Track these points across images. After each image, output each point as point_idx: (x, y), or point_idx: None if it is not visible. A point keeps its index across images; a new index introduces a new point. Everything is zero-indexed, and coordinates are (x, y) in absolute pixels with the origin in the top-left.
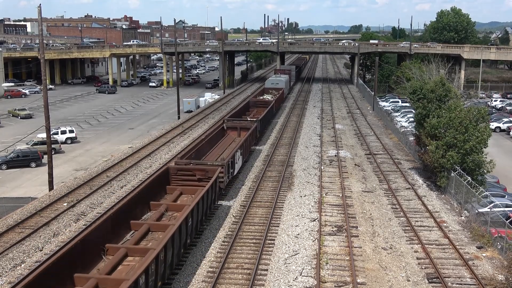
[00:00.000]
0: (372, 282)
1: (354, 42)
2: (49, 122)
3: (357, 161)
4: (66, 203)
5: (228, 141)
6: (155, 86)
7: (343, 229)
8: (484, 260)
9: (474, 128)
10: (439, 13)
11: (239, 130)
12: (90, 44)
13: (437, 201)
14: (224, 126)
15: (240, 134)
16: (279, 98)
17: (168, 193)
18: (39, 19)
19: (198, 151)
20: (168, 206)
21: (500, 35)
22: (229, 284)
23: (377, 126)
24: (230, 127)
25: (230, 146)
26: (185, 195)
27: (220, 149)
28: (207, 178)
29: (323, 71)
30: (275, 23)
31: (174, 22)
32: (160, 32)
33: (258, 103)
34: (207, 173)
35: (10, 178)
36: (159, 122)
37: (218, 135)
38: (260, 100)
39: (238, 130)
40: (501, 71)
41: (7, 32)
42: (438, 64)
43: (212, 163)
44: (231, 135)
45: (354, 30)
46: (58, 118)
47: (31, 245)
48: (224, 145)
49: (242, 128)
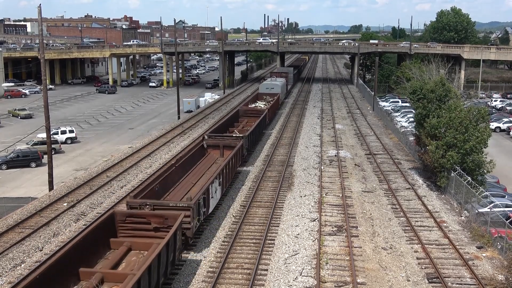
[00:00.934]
0: (372, 282)
1: (354, 42)
2: (49, 122)
3: (357, 161)
4: (66, 203)
5: (207, 163)
6: (155, 86)
7: (343, 229)
8: (484, 260)
9: (474, 128)
10: (439, 13)
11: (222, 148)
12: (90, 44)
13: (437, 201)
14: (204, 144)
15: (223, 154)
16: (274, 105)
17: (112, 249)
18: (39, 19)
19: (166, 181)
20: (104, 276)
21: (500, 35)
22: (229, 284)
23: (377, 126)
24: (211, 145)
25: (210, 170)
26: (135, 251)
27: (197, 175)
28: (166, 227)
29: (323, 71)
30: (275, 23)
31: (174, 22)
32: (160, 32)
33: (249, 112)
34: (166, 220)
35: (10, 178)
36: (159, 122)
37: (195, 156)
38: (251, 109)
39: (221, 149)
40: (501, 71)
41: (7, 32)
42: (438, 64)
43: (176, 204)
44: (212, 155)
45: (354, 30)
46: (58, 118)
47: (31, 245)
48: (202, 169)
49: (225, 147)
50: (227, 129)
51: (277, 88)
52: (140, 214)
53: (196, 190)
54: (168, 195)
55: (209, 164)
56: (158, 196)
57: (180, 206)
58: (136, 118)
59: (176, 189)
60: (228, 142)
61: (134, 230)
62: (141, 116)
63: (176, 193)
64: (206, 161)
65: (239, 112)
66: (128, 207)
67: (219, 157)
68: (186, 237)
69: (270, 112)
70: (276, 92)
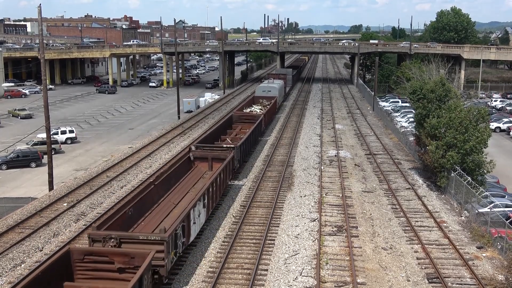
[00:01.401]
0: (372, 282)
1: (354, 42)
2: (49, 122)
3: (357, 161)
4: (66, 203)
5: (194, 178)
6: (155, 86)
7: (343, 229)
8: (484, 260)
9: (474, 128)
10: (439, 13)
11: (210, 161)
12: (90, 44)
13: (437, 201)
14: (191, 156)
15: (212, 166)
16: (271, 110)
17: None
18: (39, 19)
19: (143, 203)
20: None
21: (500, 35)
22: (229, 284)
23: (377, 126)
24: (199, 157)
25: (196, 187)
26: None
27: (181, 192)
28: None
29: (323, 71)
30: (275, 23)
31: (174, 22)
32: (160, 32)
33: (244, 117)
34: (133, 259)
35: (10, 178)
36: (159, 122)
37: (180, 169)
38: (246, 115)
39: (210, 161)
40: (501, 71)
41: (7, 32)
42: (438, 64)
43: (147, 237)
44: (200, 168)
45: (354, 30)
46: (58, 118)
47: (31, 245)
48: (188, 185)
49: (214, 159)
50: (219, 137)
51: (274, 91)
52: (101, 252)
53: (177, 212)
54: (143, 221)
55: (196, 178)
56: (131, 222)
57: (151, 240)
58: (136, 118)
59: (154, 212)
60: (218, 154)
61: (94, 271)
62: (141, 116)
63: (152, 218)
64: (192, 175)
65: (233, 117)
66: (90, 241)
67: (208, 170)
68: (159, 276)
69: (267, 117)
70: (273, 95)
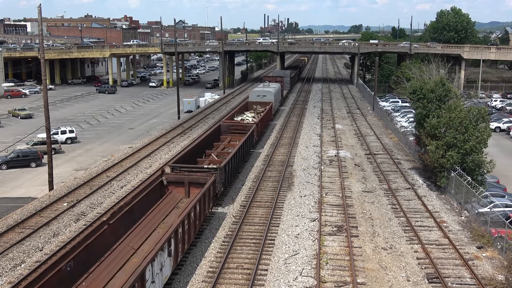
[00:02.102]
0: (372, 282)
1: (354, 42)
2: (49, 122)
3: (357, 161)
4: (66, 203)
5: (166, 209)
6: (155, 86)
7: (343, 229)
8: (484, 260)
9: (474, 128)
10: (439, 13)
11: (187, 185)
12: (90, 44)
13: (437, 201)
14: (164, 181)
15: (189, 192)
16: (265, 117)
17: None
18: (39, 19)
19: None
20: None
21: (500, 35)
22: (229, 284)
23: (377, 126)
24: (173, 181)
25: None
26: None
27: (146, 229)
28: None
29: (323, 71)
30: (275, 23)
31: (174, 22)
32: (160, 32)
33: (233, 128)
34: None
35: (10, 178)
36: (159, 122)
37: (150, 198)
38: (236, 124)
39: (187, 186)
40: (501, 71)
41: (7, 32)
42: (438, 64)
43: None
44: (174, 195)
45: (354, 30)
46: (58, 118)
47: (31, 245)
48: (158, 217)
49: (192, 184)
50: (204, 152)
51: (270, 95)
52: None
53: (136, 262)
54: (86, 278)
55: (168, 208)
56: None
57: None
58: (136, 118)
59: (104, 262)
60: (196, 178)
61: None
62: (141, 116)
63: (101, 273)
64: (164, 205)
65: (221, 127)
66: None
67: (184, 197)
68: None
69: (260, 126)
70: (268, 100)
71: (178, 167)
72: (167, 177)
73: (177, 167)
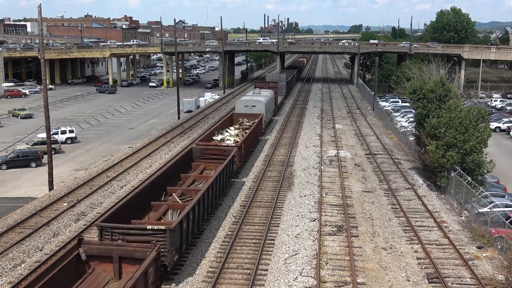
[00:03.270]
0: (372, 282)
1: (354, 42)
2: (49, 122)
3: (357, 161)
4: (66, 203)
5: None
6: (155, 86)
7: (343, 229)
8: (484, 260)
9: (474, 128)
10: (439, 13)
11: (118, 261)
12: (90, 44)
13: (437, 201)
14: (82, 255)
15: (121, 272)
16: (252, 134)
17: None
18: (39, 19)
19: None
20: None
21: (500, 35)
22: (229, 284)
23: (377, 126)
24: (96, 255)
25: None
26: None
27: None
28: None
29: (323, 71)
30: (275, 23)
31: (174, 22)
32: (160, 32)
33: (209, 152)
34: None
35: (10, 178)
36: (159, 122)
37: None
38: (211, 148)
39: (117, 262)
40: (501, 71)
41: (7, 32)
42: (438, 64)
43: None
44: (98, 275)
45: (354, 30)
46: (58, 118)
47: (31, 245)
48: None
49: (124, 259)
50: (167, 186)
51: (260, 105)
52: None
53: None
54: None
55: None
56: None
57: None
58: (136, 118)
59: None
60: (130, 251)
61: None
62: (141, 116)
63: None
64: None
65: (193, 152)
66: None
67: (113, 280)
68: None
69: (245, 146)
70: (258, 111)
71: (110, 228)
72: (86, 249)
73: (105, 228)
